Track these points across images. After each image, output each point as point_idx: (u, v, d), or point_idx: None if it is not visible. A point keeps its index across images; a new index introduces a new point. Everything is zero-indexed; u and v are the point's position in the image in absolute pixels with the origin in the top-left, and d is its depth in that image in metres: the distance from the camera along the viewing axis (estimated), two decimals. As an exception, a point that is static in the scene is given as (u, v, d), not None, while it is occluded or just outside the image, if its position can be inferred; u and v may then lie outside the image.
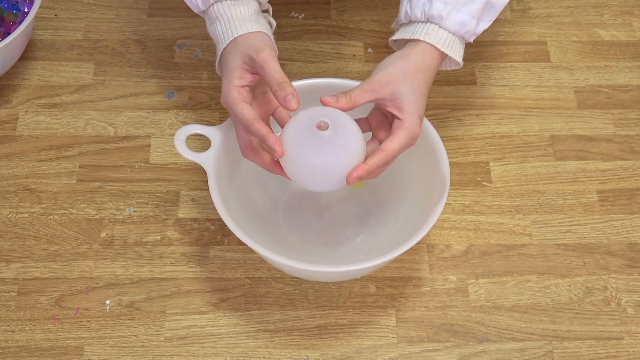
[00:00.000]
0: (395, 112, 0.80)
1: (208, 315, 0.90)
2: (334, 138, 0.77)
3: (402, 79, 0.80)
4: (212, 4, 0.84)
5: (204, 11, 0.86)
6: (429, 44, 0.82)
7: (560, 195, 0.99)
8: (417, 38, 0.83)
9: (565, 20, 1.16)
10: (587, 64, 1.11)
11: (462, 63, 0.86)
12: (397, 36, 0.86)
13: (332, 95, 0.80)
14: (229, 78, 0.81)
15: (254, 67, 0.80)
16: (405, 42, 0.85)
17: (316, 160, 0.77)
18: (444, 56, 0.84)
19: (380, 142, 0.83)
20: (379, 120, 0.84)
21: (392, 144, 0.79)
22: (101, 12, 1.15)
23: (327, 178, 0.78)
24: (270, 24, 0.89)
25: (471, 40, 0.86)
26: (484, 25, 0.86)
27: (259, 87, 0.84)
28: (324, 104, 0.79)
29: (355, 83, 0.91)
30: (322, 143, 0.77)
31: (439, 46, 0.82)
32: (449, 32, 0.83)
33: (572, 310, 0.91)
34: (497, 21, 1.15)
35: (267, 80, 0.79)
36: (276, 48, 0.84)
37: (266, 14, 0.89)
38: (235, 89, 0.80)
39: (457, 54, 0.85)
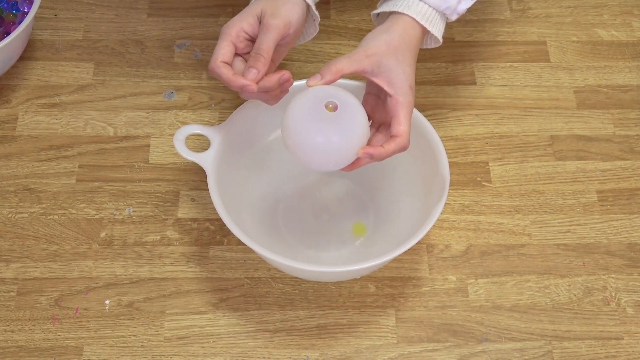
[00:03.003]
0: (385, 87, 0.80)
1: (207, 315, 0.90)
2: (339, 118, 0.77)
3: (386, 51, 0.80)
4: None
5: None
6: (409, 16, 0.82)
7: (560, 195, 0.99)
8: (398, 10, 0.82)
9: (565, 20, 1.16)
10: (587, 64, 1.11)
11: (441, 41, 0.86)
12: (379, 9, 0.86)
13: (316, 74, 0.79)
14: (241, 16, 0.82)
15: (256, 27, 0.82)
16: (387, 17, 0.85)
17: (319, 139, 0.77)
18: (424, 31, 0.84)
19: (379, 125, 0.83)
20: (372, 104, 0.84)
21: (402, 125, 0.79)
22: (101, 12, 1.15)
23: (328, 158, 0.78)
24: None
25: (452, 19, 0.85)
26: (467, 3, 0.85)
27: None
28: (310, 86, 0.79)
29: (356, 82, 0.91)
30: (328, 122, 0.77)
31: (418, 19, 0.82)
32: (429, 5, 0.83)
33: (572, 310, 0.91)
34: (496, 21, 1.15)
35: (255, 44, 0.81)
36: (295, 22, 0.83)
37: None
38: (236, 30, 0.82)
39: (436, 29, 0.84)
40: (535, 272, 0.94)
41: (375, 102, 0.84)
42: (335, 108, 0.77)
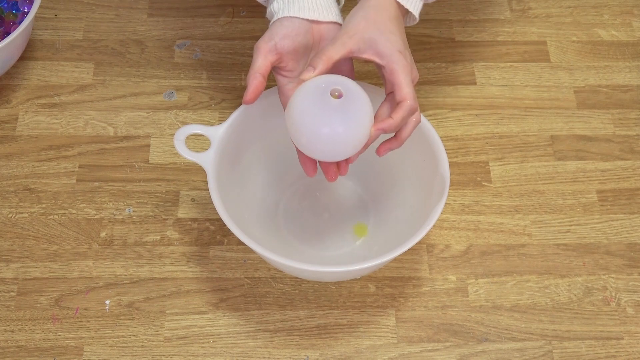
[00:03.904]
0: (376, 60, 0.79)
1: (208, 315, 0.90)
2: (344, 107, 0.76)
3: (365, 26, 0.79)
4: None
5: None
6: None
7: (560, 195, 0.99)
8: None
9: (565, 20, 1.16)
10: (587, 64, 1.11)
11: (417, 18, 0.85)
12: None
13: (308, 66, 0.79)
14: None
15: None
16: None
17: (325, 129, 0.76)
18: (403, 9, 0.83)
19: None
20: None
21: (403, 89, 0.78)
22: (101, 12, 1.15)
23: (334, 148, 0.78)
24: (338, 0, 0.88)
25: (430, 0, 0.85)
26: None
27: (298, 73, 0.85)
28: (306, 79, 0.79)
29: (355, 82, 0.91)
30: (333, 112, 0.76)
31: None
32: None
33: (572, 310, 0.91)
34: (496, 21, 1.15)
35: None
36: (291, 38, 0.82)
37: None
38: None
39: (412, 5, 0.83)
40: (535, 272, 0.94)
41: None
42: (340, 95, 0.76)
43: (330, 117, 0.76)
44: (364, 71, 1.09)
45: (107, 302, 0.90)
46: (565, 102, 1.08)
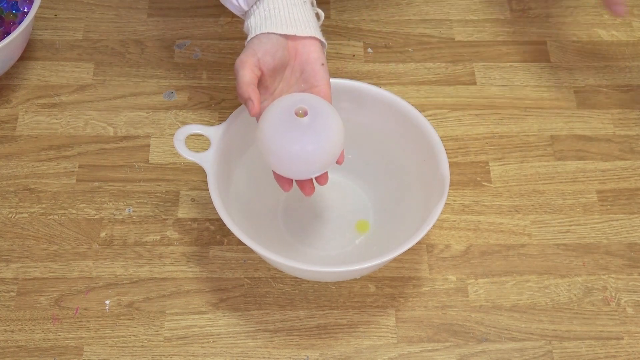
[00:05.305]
0: None
1: (207, 315, 0.90)
2: (312, 124, 0.77)
3: None
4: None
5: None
6: None
7: (560, 195, 0.99)
8: None
9: (565, 20, 1.16)
10: (587, 63, 1.11)
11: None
12: None
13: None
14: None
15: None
16: None
17: (295, 147, 0.77)
18: None
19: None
20: None
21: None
22: (101, 12, 1.15)
23: (306, 165, 0.79)
24: (318, 15, 0.88)
25: None
26: None
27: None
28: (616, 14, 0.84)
29: (356, 83, 0.91)
30: (301, 130, 0.77)
31: None
32: None
33: (572, 310, 0.91)
34: (496, 21, 1.15)
35: None
36: (275, 54, 0.82)
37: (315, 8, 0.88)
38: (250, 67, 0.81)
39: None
40: (535, 272, 0.94)
41: None
42: (305, 113, 0.77)
43: (297, 136, 0.77)
44: (364, 71, 1.09)
45: (107, 302, 0.90)
46: (565, 102, 1.08)
